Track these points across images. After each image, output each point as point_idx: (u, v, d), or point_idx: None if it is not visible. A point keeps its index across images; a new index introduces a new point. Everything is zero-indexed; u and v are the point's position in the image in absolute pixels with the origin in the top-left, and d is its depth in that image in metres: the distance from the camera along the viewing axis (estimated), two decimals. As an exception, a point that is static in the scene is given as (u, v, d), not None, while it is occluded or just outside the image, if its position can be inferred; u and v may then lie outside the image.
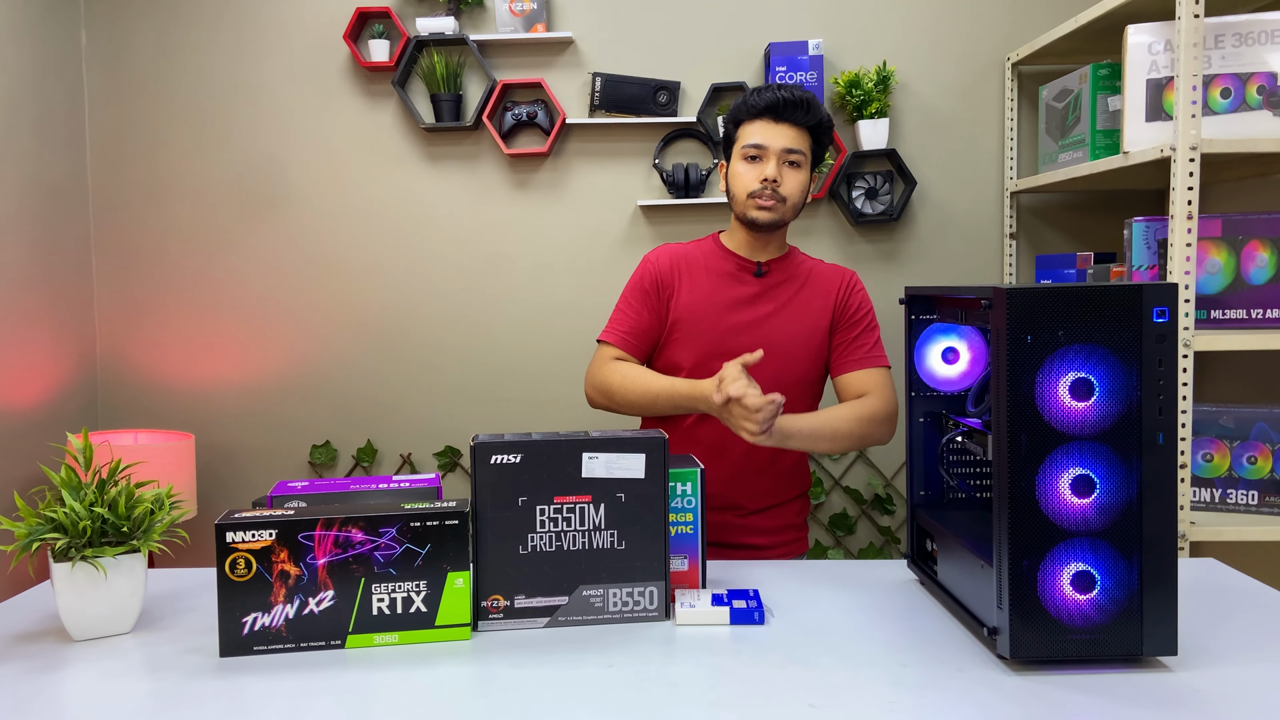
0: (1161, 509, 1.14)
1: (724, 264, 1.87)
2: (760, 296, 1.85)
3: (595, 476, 1.33)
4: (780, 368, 1.80)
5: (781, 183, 1.77)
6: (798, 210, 1.83)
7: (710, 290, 1.85)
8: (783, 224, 1.83)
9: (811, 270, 1.90)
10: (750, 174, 1.79)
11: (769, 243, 1.87)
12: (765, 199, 1.77)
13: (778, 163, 1.77)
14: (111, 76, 2.82)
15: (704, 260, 1.89)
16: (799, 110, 1.76)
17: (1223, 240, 1.92)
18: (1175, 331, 1.14)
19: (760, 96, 1.78)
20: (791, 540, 1.90)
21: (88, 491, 1.30)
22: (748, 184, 1.79)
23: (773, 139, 1.76)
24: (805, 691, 1.11)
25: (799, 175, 1.79)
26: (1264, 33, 1.92)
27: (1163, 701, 1.08)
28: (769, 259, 1.88)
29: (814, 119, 1.78)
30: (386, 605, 1.26)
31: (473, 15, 2.78)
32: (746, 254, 1.87)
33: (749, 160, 1.79)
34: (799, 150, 1.78)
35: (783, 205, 1.79)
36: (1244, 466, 1.94)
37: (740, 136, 1.81)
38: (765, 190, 1.77)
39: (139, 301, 2.86)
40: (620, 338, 1.86)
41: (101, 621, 1.30)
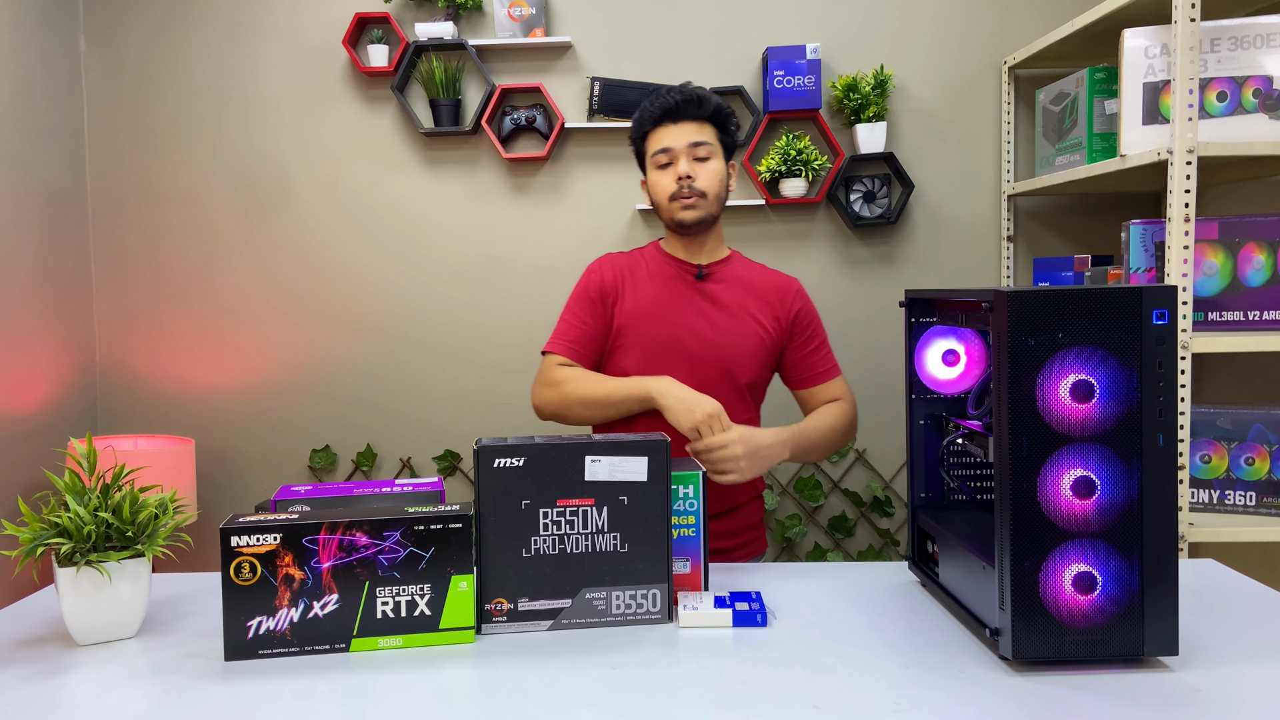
0: (1162, 510, 1.15)
1: (666, 268, 1.89)
2: (703, 299, 1.87)
3: (598, 480, 1.33)
4: (723, 370, 1.83)
5: (696, 177, 1.81)
6: (721, 202, 1.86)
7: (654, 294, 1.87)
8: (710, 219, 1.85)
9: (754, 275, 1.93)
10: (666, 178, 1.82)
11: (704, 244, 1.89)
12: (685, 197, 1.80)
13: (687, 159, 1.80)
14: (110, 81, 2.83)
15: (646, 266, 1.91)
16: (692, 105, 1.81)
17: (1219, 242, 1.93)
18: (1175, 333, 1.14)
19: (654, 104, 1.83)
20: (751, 540, 1.92)
21: (92, 496, 1.31)
22: (666, 188, 1.82)
23: (676, 139, 1.80)
24: (809, 693, 1.12)
25: (711, 166, 1.82)
26: (1259, 36, 1.93)
27: (1164, 701, 1.08)
28: (709, 262, 1.90)
29: (709, 109, 1.82)
30: (391, 608, 1.27)
31: (471, 20, 2.79)
32: (686, 257, 1.90)
33: (661, 167, 1.83)
34: (705, 141, 1.81)
35: (704, 200, 1.82)
36: (1242, 468, 1.95)
37: (648, 147, 1.86)
38: (683, 189, 1.80)
39: (138, 306, 2.86)
40: (568, 346, 1.86)
41: (106, 626, 1.31)
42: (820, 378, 1.91)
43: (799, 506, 2.83)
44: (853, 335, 2.79)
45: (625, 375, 1.84)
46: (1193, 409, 1.95)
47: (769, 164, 2.67)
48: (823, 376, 1.91)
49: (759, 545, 1.94)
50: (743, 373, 1.85)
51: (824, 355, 1.93)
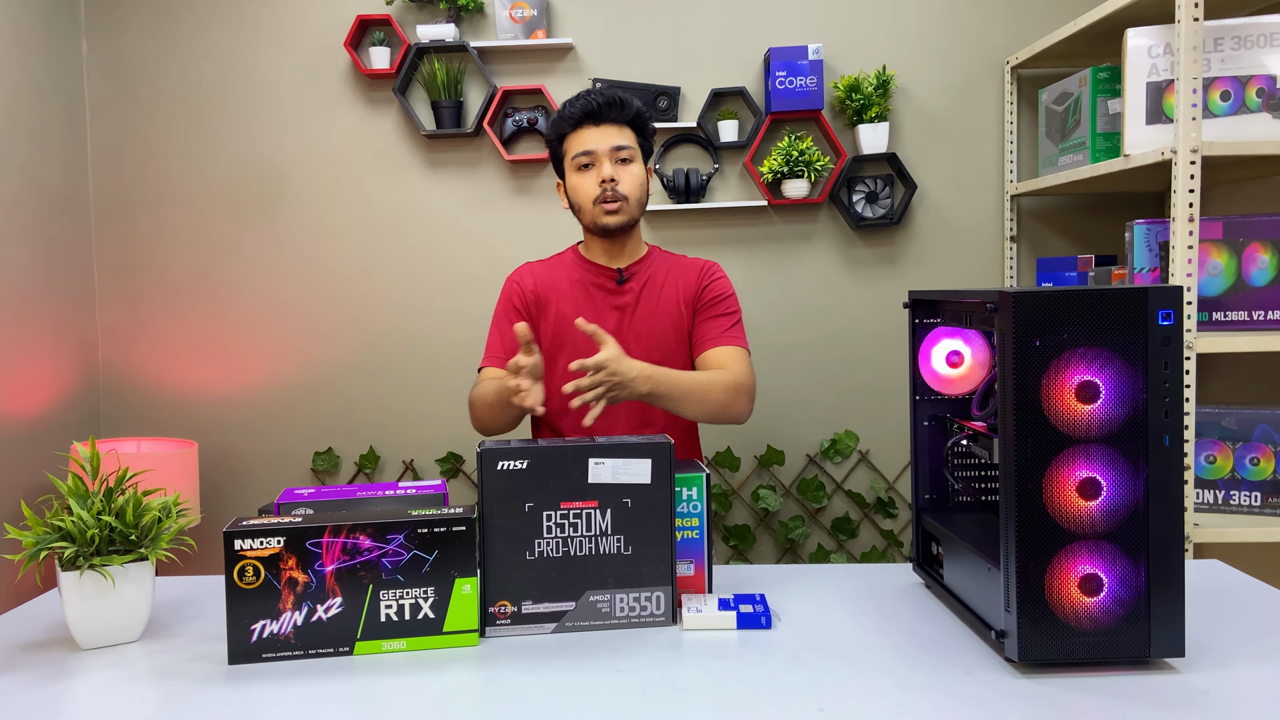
0: (1168, 511, 1.14)
1: (587, 276, 1.89)
2: (626, 303, 1.87)
3: (601, 482, 1.33)
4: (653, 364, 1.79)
5: (619, 181, 1.80)
6: (642, 206, 1.86)
7: (576, 304, 1.87)
8: (632, 223, 1.85)
9: (672, 266, 1.92)
10: (588, 181, 1.81)
11: (625, 246, 1.89)
12: (609, 202, 1.80)
13: (611, 162, 1.80)
14: (112, 84, 2.83)
15: (566, 274, 1.91)
16: (614, 108, 1.80)
17: (1224, 242, 1.93)
18: (1180, 334, 1.14)
19: (574, 106, 1.81)
20: None
21: (95, 500, 1.30)
22: (589, 191, 1.81)
23: (598, 142, 1.80)
24: (814, 695, 1.11)
25: (632, 169, 1.82)
26: (1263, 35, 1.92)
27: (1171, 703, 1.08)
28: (629, 264, 1.90)
29: (630, 113, 1.82)
30: (394, 611, 1.27)
31: (473, 22, 2.79)
32: (606, 262, 1.90)
33: (582, 169, 1.82)
34: (626, 145, 1.81)
35: (627, 204, 1.82)
36: (1246, 468, 1.94)
37: (568, 150, 1.84)
38: (607, 192, 1.79)
39: (141, 309, 2.86)
40: (498, 360, 1.86)
41: (109, 630, 1.30)
42: (709, 343, 1.85)
43: (802, 508, 2.82)
44: (855, 336, 2.78)
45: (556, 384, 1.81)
46: (1197, 409, 1.95)
47: (771, 165, 2.66)
48: (712, 342, 1.85)
49: None
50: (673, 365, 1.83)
51: (719, 323, 1.87)
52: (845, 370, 2.79)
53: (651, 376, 1.68)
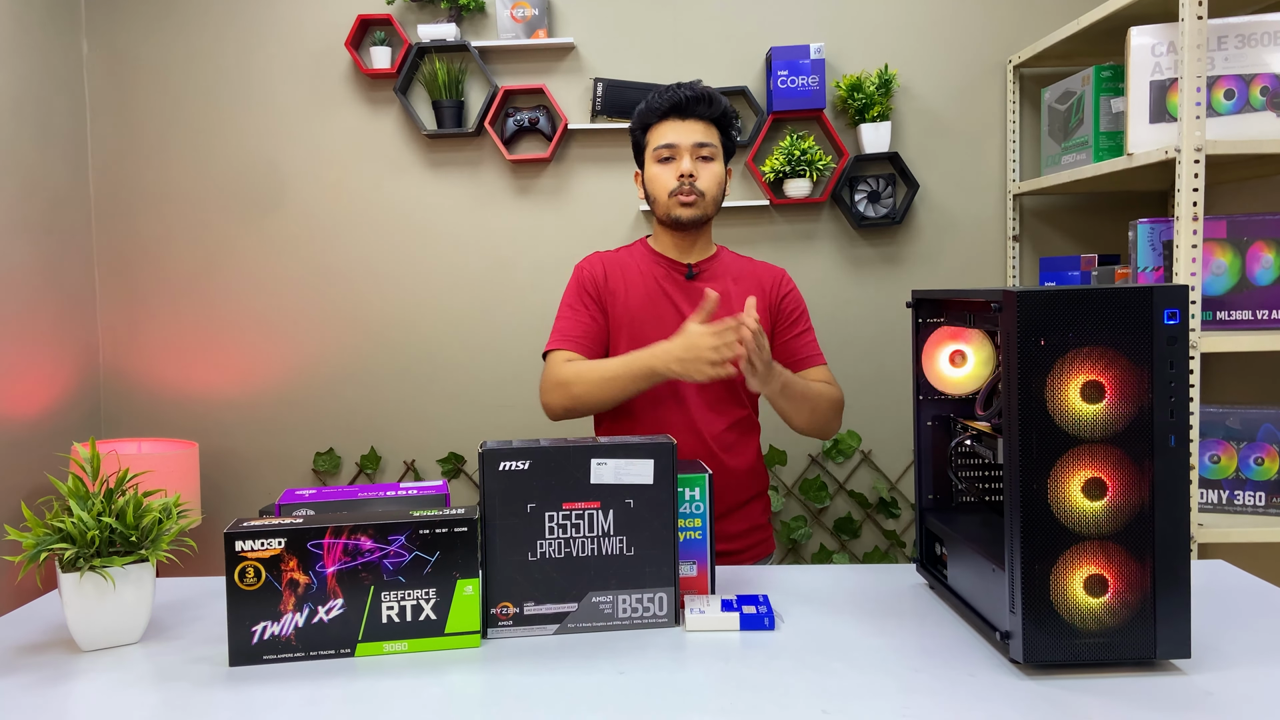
0: (1174, 511, 1.14)
1: (655, 268, 1.88)
2: (693, 298, 1.85)
3: (604, 482, 1.32)
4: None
5: (698, 177, 1.80)
6: (718, 204, 1.86)
7: (645, 295, 1.86)
8: (705, 219, 1.84)
9: (742, 268, 1.92)
10: (667, 174, 1.81)
11: (695, 242, 1.88)
12: (685, 195, 1.79)
13: (691, 158, 1.80)
14: (113, 84, 2.82)
15: (636, 265, 1.89)
16: (702, 104, 1.80)
17: (1228, 241, 1.92)
18: (1186, 333, 1.13)
19: (663, 97, 1.81)
20: (759, 542, 1.91)
21: (95, 501, 1.30)
22: (666, 184, 1.81)
23: (682, 136, 1.79)
24: (818, 697, 1.11)
25: (713, 168, 1.82)
26: (1266, 34, 1.92)
27: (1177, 705, 1.07)
28: (698, 260, 1.89)
29: (718, 110, 1.82)
30: (396, 613, 1.26)
31: (474, 22, 2.78)
32: (676, 256, 1.89)
33: (663, 161, 1.82)
34: (709, 143, 1.81)
35: (703, 200, 1.81)
36: (1251, 468, 1.94)
37: (650, 140, 1.84)
38: (684, 186, 1.79)
39: (142, 309, 2.86)
40: (573, 342, 1.83)
41: (109, 632, 1.30)
42: (804, 363, 1.89)
43: (804, 508, 2.81)
44: (858, 336, 2.78)
45: None
46: (1201, 409, 1.94)
47: (773, 164, 2.66)
48: (806, 362, 1.89)
49: (767, 546, 1.93)
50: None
51: (808, 342, 1.91)
52: (847, 370, 2.78)
53: (784, 372, 1.70)
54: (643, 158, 1.88)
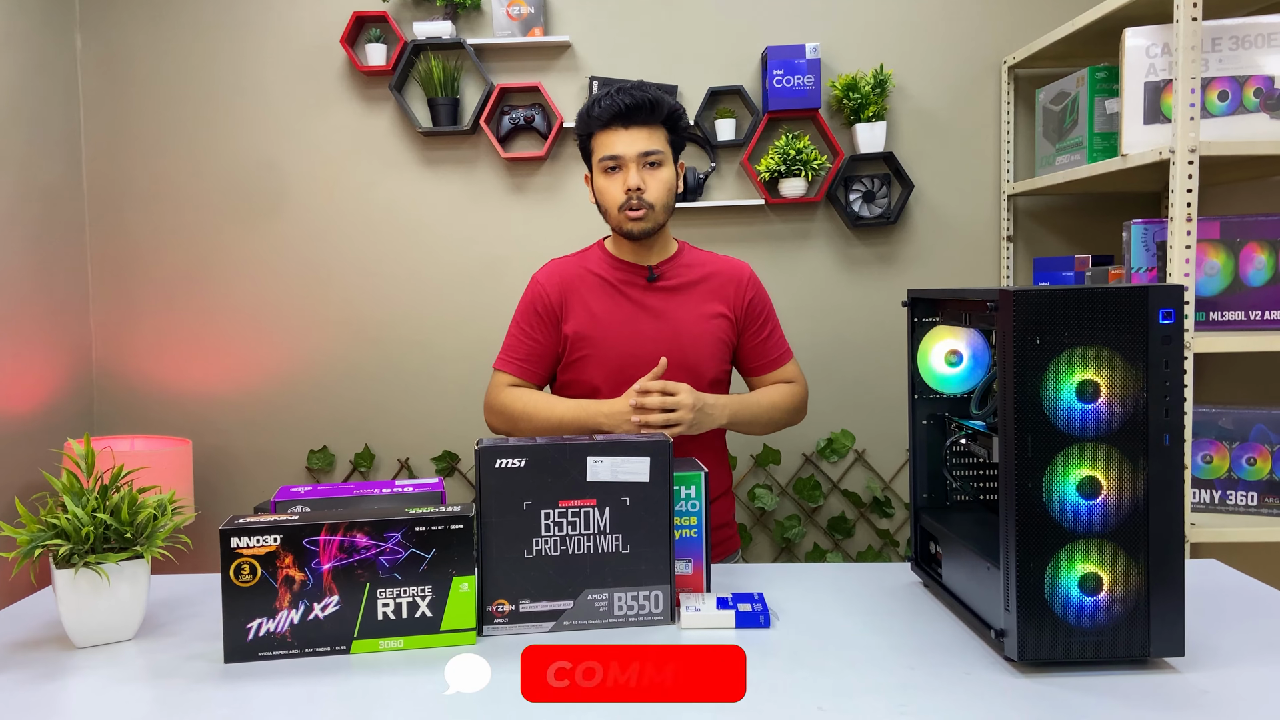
0: (1168, 510, 1.15)
1: (615, 273, 1.86)
2: (657, 302, 1.84)
3: (600, 480, 1.33)
4: (687, 371, 1.80)
5: (646, 188, 1.76)
6: (669, 210, 1.82)
7: (607, 304, 1.84)
8: (657, 228, 1.81)
9: (705, 265, 1.90)
10: (614, 186, 1.77)
11: (653, 246, 1.86)
12: (634, 210, 1.76)
13: (637, 169, 1.75)
14: (107, 80, 2.81)
15: (594, 273, 1.87)
16: (643, 112, 1.74)
17: (1221, 242, 1.93)
18: (1181, 333, 1.14)
19: (603, 106, 1.75)
20: (725, 539, 1.91)
21: (90, 497, 1.30)
22: (615, 197, 1.77)
23: (626, 146, 1.74)
24: (813, 695, 1.11)
25: (661, 175, 1.78)
26: (1260, 36, 1.93)
27: (1172, 703, 1.08)
28: (658, 261, 1.87)
29: (662, 114, 1.76)
30: (392, 610, 1.26)
31: (470, 19, 2.78)
32: (635, 259, 1.86)
33: (608, 172, 1.78)
34: (656, 150, 1.76)
35: (652, 211, 1.77)
36: (1243, 468, 1.95)
37: (595, 149, 1.79)
38: (632, 200, 1.76)
39: (135, 306, 2.85)
40: (517, 365, 1.86)
41: (104, 628, 1.30)
42: (773, 364, 1.91)
43: (798, 507, 2.82)
44: (852, 335, 2.78)
45: (594, 389, 1.82)
46: (1194, 409, 1.95)
47: (768, 164, 2.66)
48: (776, 363, 1.91)
49: (733, 543, 1.93)
50: (706, 369, 1.83)
51: (776, 340, 1.92)
52: (841, 370, 2.78)
53: (728, 405, 1.76)
54: (590, 164, 1.84)
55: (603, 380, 1.82)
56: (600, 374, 1.82)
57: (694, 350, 1.82)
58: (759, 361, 1.90)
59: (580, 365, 1.83)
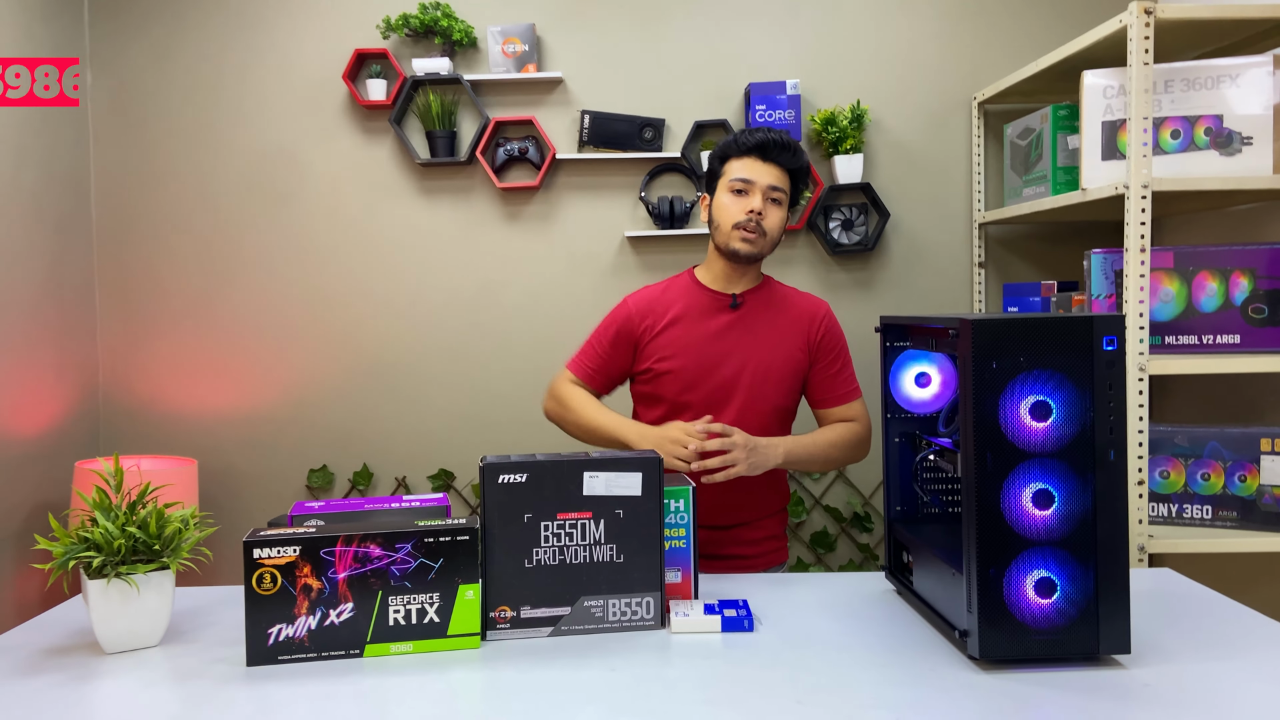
0: (1114, 519, 1.25)
1: (700, 299, 1.98)
2: (735, 326, 1.96)
3: (595, 494, 1.42)
4: (754, 393, 1.93)
5: (765, 216, 1.89)
6: (775, 245, 1.95)
7: (688, 327, 1.96)
8: (761, 257, 1.94)
9: (785, 298, 2.02)
10: (736, 206, 1.90)
11: (745, 274, 1.98)
12: (750, 230, 1.88)
13: (763, 198, 1.89)
14: (115, 114, 2.91)
15: (681, 299, 1.99)
16: (785, 153, 1.89)
17: (1175, 271, 2.05)
18: (1124, 358, 1.26)
19: (751, 136, 1.90)
20: (773, 550, 2.02)
21: (119, 513, 1.39)
22: (734, 215, 1.90)
23: (760, 175, 1.88)
24: (792, 690, 1.21)
25: (779, 212, 1.92)
26: (1210, 78, 2.06)
27: (1115, 695, 1.18)
28: (743, 290, 1.99)
29: (797, 162, 1.92)
30: (402, 616, 1.35)
31: (466, 56, 2.90)
32: (722, 287, 1.99)
33: (735, 194, 1.90)
34: (781, 189, 1.90)
35: (763, 239, 1.90)
36: (1198, 483, 2.06)
37: (727, 171, 1.92)
38: (750, 222, 1.88)
39: (141, 330, 2.94)
40: (586, 372, 2.02)
41: (133, 635, 1.38)
42: (840, 399, 2.00)
43: (782, 523, 2.92)
44: (833, 357, 2.89)
45: (660, 401, 1.96)
46: (1152, 427, 2.06)
47: (752, 194, 2.78)
48: (842, 399, 2.00)
49: (779, 555, 2.04)
50: (774, 397, 1.95)
51: (845, 378, 2.02)
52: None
53: (782, 444, 1.85)
54: (714, 185, 1.96)
55: (670, 393, 1.95)
56: (674, 390, 1.94)
57: (766, 376, 1.94)
58: (826, 395, 2.00)
59: (659, 381, 1.96)
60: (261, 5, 2.90)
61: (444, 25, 2.78)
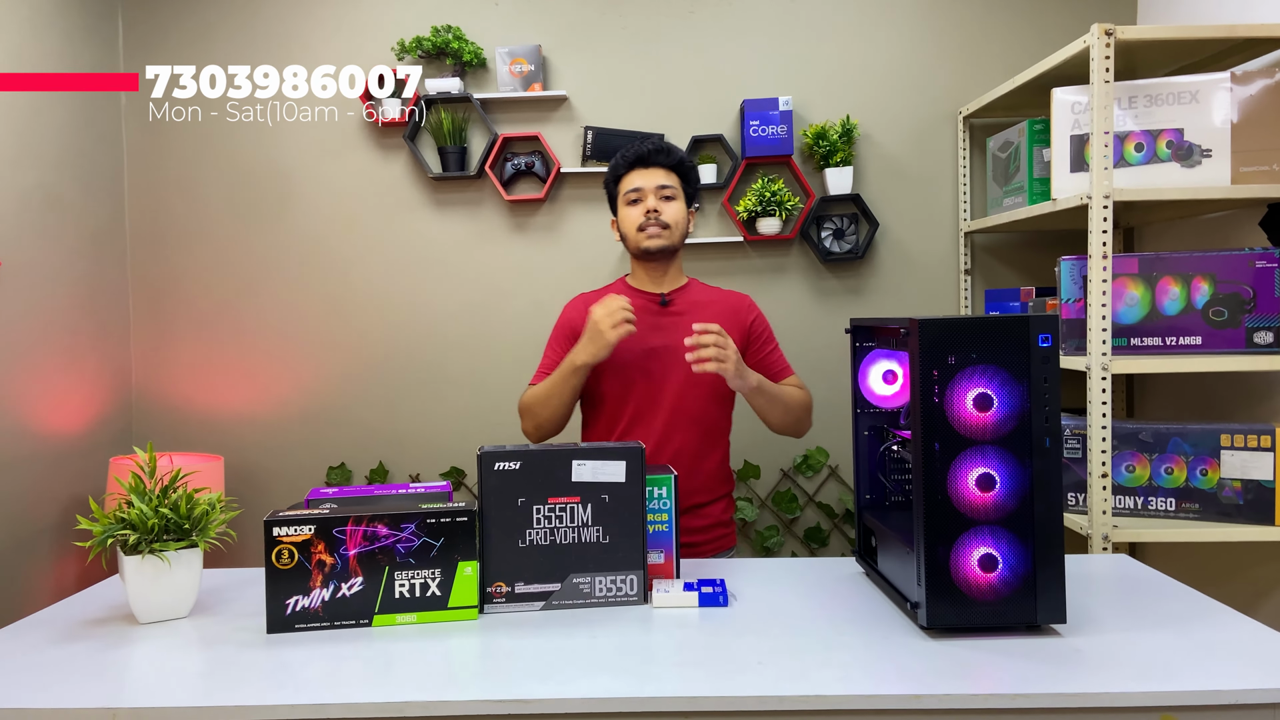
0: (1050, 501, 1.37)
1: (633, 300, 2.12)
2: (667, 323, 2.11)
3: (583, 480, 1.56)
4: (691, 381, 2.06)
5: (662, 212, 2.07)
6: (683, 236, 2.12)
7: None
8: (673, 249, 2.11)
9: (711, 296, 2.19)
10: (635, 212, 2.09)
11: (667, 272, 2.15)
12: (652, 228, 2.06)
13: (656, 197, 2.07)
14: (147, 133, 3.08)
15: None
16: (661, 154, 2.09)
17: (1140, 276, 2.16)
18: (1056, 354, 1.38)
19: (629, 152, 2.11)
20: (720, 536, 2.14)
21: (152, 496, 1.54)
22: (636, 220, 2.08)
23: (646, 180, 2.07)
24: (755, 653, 1.34)
25: (675, 205, 2.09)
26: (1172, 94, 2.18)
27: (1046, 658, 1.30)
28: (671, 290, 2.15)
29: (675, 159, 2.10)
30: (407, 589, 1.49)
31: (476, 76, 3.06)
32: (650, 288, 2.15)
33: (631, 203, 2.09)
34: (670, 185, 2.08)
35: (668, 231, 2.08)
36: (1162, 476, 2.17)
37: (621, 188, 2.12)
38: (650, 221, 2.06)
39: (171, 335, 3.11)
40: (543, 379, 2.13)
41: (164, 607, 1.53)
42: (777, 375, 2.16)
43: (777, 518, 3.05)
44: (824, 360, 3.00)
45: (605, 397, 2.10)
46: (1117, 424, 2.18)
47: (746, 205, 2.92)
48: (780, 375, 2.16)
49: (729, 540, 2.16)
50: (711, 384, 2.08)
51: (779, 358, 2.18)
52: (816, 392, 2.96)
53: (759, 377, 1.99)
54: (615, 205, 2.15)
55: (613, 389, 2.09)
56: (613, 384, 2.09)
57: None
58: (767, 373, 2.14)
59: (601, 379, 2.10)
60: (285, 29, 3.06)
61: (455, 47, 2.94)
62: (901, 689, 1.21)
